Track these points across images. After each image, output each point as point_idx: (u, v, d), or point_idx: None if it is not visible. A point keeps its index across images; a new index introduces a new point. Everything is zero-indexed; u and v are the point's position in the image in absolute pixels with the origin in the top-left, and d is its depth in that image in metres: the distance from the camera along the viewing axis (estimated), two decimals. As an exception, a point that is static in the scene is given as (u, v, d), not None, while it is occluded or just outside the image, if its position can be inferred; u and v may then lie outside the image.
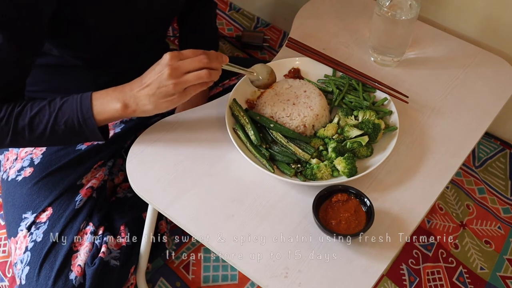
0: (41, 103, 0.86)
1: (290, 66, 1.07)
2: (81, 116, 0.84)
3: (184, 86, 0.82)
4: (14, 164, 1.06)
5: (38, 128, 0.85)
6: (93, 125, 0.85)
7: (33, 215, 0.98)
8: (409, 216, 0.86)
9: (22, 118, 0.84)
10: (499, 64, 1.14)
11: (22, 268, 0.94)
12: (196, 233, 0.84)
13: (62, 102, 0.86)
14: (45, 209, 0.99)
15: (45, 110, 0.85)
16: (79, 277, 0.92)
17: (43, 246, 0.94)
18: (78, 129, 0.85)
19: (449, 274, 1.23)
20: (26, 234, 0.97)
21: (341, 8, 1.26)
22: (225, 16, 1.85)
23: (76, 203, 1.01)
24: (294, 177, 0.89)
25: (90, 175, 1.06)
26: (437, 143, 0.97)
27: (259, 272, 0.79)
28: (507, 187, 1.38)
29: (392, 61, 1.11)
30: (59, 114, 0.85)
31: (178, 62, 0.81)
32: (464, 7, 1.25)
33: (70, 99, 0.86)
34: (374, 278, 0.78)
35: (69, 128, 0.85)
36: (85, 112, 0.84)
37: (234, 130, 0.94)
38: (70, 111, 0.85)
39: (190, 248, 1.27)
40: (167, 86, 0.81)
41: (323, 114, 0.97)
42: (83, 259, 0.93)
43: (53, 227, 0.96)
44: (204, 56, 0.83)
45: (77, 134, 0.86)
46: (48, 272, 0.92)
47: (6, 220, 1.03)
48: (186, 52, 0.83)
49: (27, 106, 0.85)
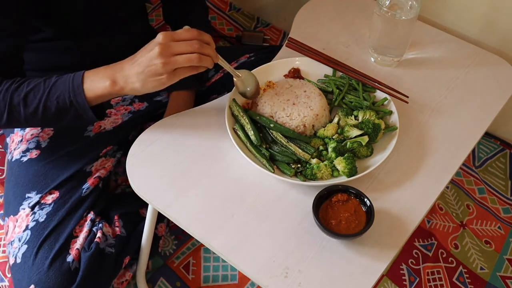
0: (38, 80, 0.87)
1: (290, 66, 1.07)
2: (72, 92, 0.85)
3: (173, 67, 0.81)
4: (19, 146, 1.07)
5: (32, 104, 0.86)
6: (83, 101, 0.85)
7: (38, 195, 0.99)
8: (409, 216, 0.86)
9: (18, 93, 0.86)
10: (499, 64, 1.14)
11: (19, 246, 0.94)
12: (196, 233, 0.84)
13: (56, 79, 0.87)
14: (51, 192, 1.00)
15: (40, 86, 0.86)
16: (75, 262, 0.92)
17: (45, 227, 0.95)
18: (69, 105, 0.86)
19: (449, 274, 1.23)
20: (28, 213, 0.97)
21: (341, 8, 1.26)
22: (225, 16, 1.85)
23: (82, 191, 1.02)
24: (294, 177, 0.89)
25: (99, 164, 1.07)
26: (437, 143, 0.97)
27: (259, 272, 0.79)
28: (507, 187, 1.38)
29: (392, 61, 1.11)
30: (52, 90, 0.86)
31: (170, 42, 0.81)
32: (464, 7, 1.25)
33: (64, 76, 0.87)
34: (374, 278, 0.78)
35: (61, 104, 0.86)
36: (76, 88, 0.85)
37: (234, 130, 0.94)
38: (63, 87, 0.86)
39: (190, 248, 1.27)
40: (156, 65, 0.81)
41: (323, 114, 0.97)
42: (81, 243, 0.94)
43: (58, 210, 0.97)
44: (197, 41, 0.82)
45: (68, 110, 0.87)
46: (47, 252, 0.92)
47: (5, 198, 1.04)
48: (180, 33, 0.82)
49: (24, 83, 0.87)
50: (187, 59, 0.81)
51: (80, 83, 0.85)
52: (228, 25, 1.82)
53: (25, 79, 0.88)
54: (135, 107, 1.15)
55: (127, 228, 1.05)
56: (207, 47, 0.83)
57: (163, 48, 0.80)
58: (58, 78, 0.87)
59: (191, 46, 0.81)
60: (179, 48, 0.81)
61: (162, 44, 0.80)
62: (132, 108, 1.15)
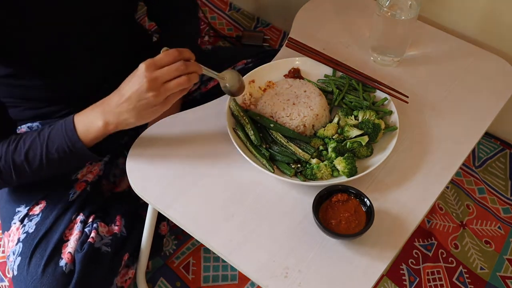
0: (32, 135, 0.87)
1: (290, 66, 1.07)
2: (68, 142, 0.85)
3: (165, 95, 0.81)
4: None
5: (35, 161, 0.87)
6: (82, 148, 0.86)
7: (26, 208, 1.00)
8: (409, 216, 0.86)
9: (18, 154, 0.86)
10: (499, 64, 1.13)
11: (14, 259, 0.95)
12: (196, 233, 0.84)
13: (49, 131, 0.87)
14: (38, 202, 1.00)
15: (36, 142, 0.86)
16: (69, 264, 0.92)
17: (35, 237, 0.95)
18: (70, 154, 0.86)
19: (449, 274, 1.23)
20: (19, 226, 0.98)
21: (341, 8, 1.26)
22: (225, 16, 1.85)
23: (69, 196, 1.02)
24: (294, 177, 0.89)
25: (85, 171, 1.07)
26: (437, 143, 0.97)
27: (259, 272, 0.79)
28: (507, 187, 1.38)
29: (392, 61, 1.11)
30: (49, 144, 0.86)
31: (156, 72, 0.80)
32: (464, 7, 1.25)
33: (56, 126, 0.87)
34: (374, 278, 0.78)
35: (62, 154, 0.86)
36: (71, 137, 0.85)
37: (234, 130, 0.94)
38: (58, 138, 0.86)
39: (190, 248, 1.27)
40: (147, 99, 0.80)
41: (323, 114, 0.97)
42: (73, 247, 0.94)
43: (46, 218, 0.98)
44: (181, 62, 0.81)
45: (71, 158, 0.87)
46: (38, 260, 0.92)
47: (1, 216, 1.04)
48: (161, 58, 0.81)
49: (20, 142, 0.87)
50: (177, 84, 0.81)
51: (73, 130, 0.85)
52: (228, 25, 1.82)
53: (18, 136, 0.88)
54: None
55: (129, 227, 1.05)
56: (191, 65, 0.83)
57: (151, 82, 0.79)
58: (51, 129, 0.87)
59: (176, 70, 0.80)
60: (167, 76, 0.80)
61: (149, 78, 0.79)
62: None
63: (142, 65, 0.80)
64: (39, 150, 0.86)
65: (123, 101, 0.82)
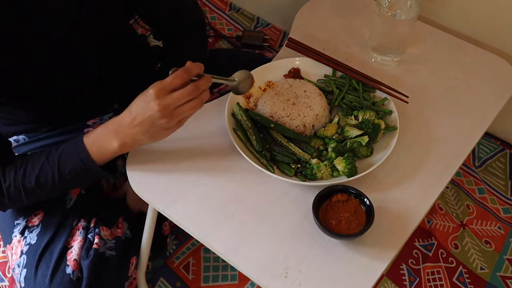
0: (40, 159, 0.86)
1: (290, 66, 1.07)
2: (81, 164, 0.85)
3: (178, 119, 0.81)
4: None
5: (47, 184, 0.86)
6: (96, 169, 0.86)
7: (24, 220, 0.99)
8: (409, 216, 0.86)
9: (27, 181, 0.85)
10: (499, 64, 1.13)
11: (20, 271, 0.95)
12: (196, 233, 0.84)
13: (58, 154, 0.86)
14: (36, 213, 1.00)
15: (46, 166, 0.86)
16: (76, 271, 0.92)
17: (38, 247, 0.95)
18: (83, 174, 0.86)
19: (449, 274, 1.23)
20: (20, 239, 0.98)
21: (341, 8, 1.26)
22: (225, 16, 1.85)
23: (66, 203, 1.01)
24: (294, 177, 0.89)
25: None
26: (437, 143, 0.97)
27: (259, 272, 0.79)
28: (507, 187, 1.38)
29: (392, 61, 1.11)
30: (61, 168, 0.85)
31: (167, 99, 0.78)
32: (464, 7, 1.25)
33: (65, 149, 0.86)
34: (374, 278, 0.78)
35: (75, 175, 0.86)
36: (84, 159, 0.85)
37: (234, 130, 0.94)
38: (70, 161, 0.85)
39: (190, 248, 1.27)
40: (161, 124, 0.80)
41: (323, 114, 0.97)
42: (78, 253, 0.94)
43: (46, 228, 0.97)
44: (193, 86, 0.79)
45: (84, 177, 0.87)
46: (45, 270, 0.92)
47: (0, 229, 1.04)
48: (172, 82, 0.78)
49: (28, 167, 0.86)
50: (190, 108, 0.80)
51: (87, 154, 0.84)
52: (228, 25, 1.82)
53: (25, 161, 0.87)
54: None
55: (133, 229, 1.05)
56: (202, 83, 0.80)
57: (163, 110, 0.78)
58: (60, 152, 0.86)
59: (188, 95, 0.79)
60: (178, 101, 0.79)
61: (161, 106, 0.78)
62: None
63: (152, 90, 0.78)
64: (51, 174, 0.85)
65: (136, 125, 0.81)
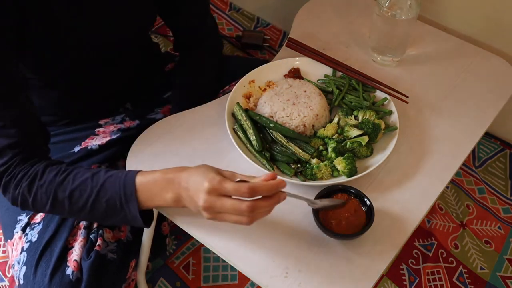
0: (85, 174, 0.83)
1: (290, 66, 1.07)
2: (123, 198, 0.81)
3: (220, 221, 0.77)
4: None
5: (78, 203, 0.82)
6: (135, 211, 0.82)
7: (27, 217, 0.99)
8: (409, 216, 0.86)
9: (62, 189, 0.82)
10: (499, 64, 1.14)
11: (19, 268, 0.95)
12: (196, 233, 0.84)
13: (104, 179, 0.82)
14: None
15: (87, 184, 0.82)
16: (76, 272, 0.92)
17: (39, 246, 0.95)
18: (119, 210, 0.82)
19: (449, 274, 1.23)
20: (21, 236, 0.97)
21: (341, 8, 1.26)
22: (225, 16, 1.85)
23: None
24: (294, 177, 0.89)
25: None
26: (437, 143, 0.97)
27: (259, 272, 0.79)
28: (507, 187, 1.38)
29: (392, 61, 1.11)
30: (101, 192, 0.82)
31: (216, 202, 0.74)
32: (464, 7, 1.25)
33: (113, 177, 0.83)
34: (374, 278, 0.78)
35: (111, 207, 0.82)
36: (128, 196, 0.81)
37: (234, 130, 0.94)
38: (113, 191, 0.81)
39: (190, 248, 1.27)
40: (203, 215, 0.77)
41: (323, 114, 0.97)
42: (79, 254, 0.94)
43: (48, 226, 0.97)
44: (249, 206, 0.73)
45: (117, 215, 0.84)
46: (44, 269, 0.92)
47: (2, 223, 1.04)
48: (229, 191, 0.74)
49: (69, 177, 0.83)
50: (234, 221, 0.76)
51: (134, 192, 0.81)
52: (228, 25, 1.82)
53: (69, 169, 0.84)
54: (125, 125, 1.11)
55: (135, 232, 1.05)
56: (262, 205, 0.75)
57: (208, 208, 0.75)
58: (107, 178, 0.82)
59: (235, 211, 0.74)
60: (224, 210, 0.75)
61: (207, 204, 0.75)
62: (122, 126, 1.11)
63: (207, 183, 0.75)
64: (87, 194, 0.82)
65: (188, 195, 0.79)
